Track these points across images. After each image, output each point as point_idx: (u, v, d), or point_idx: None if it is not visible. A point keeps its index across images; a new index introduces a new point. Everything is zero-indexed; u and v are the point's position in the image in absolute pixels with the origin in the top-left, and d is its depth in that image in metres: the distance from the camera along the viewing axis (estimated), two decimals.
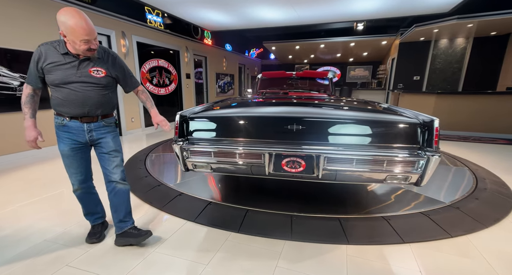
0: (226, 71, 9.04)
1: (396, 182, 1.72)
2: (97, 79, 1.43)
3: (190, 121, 1.95)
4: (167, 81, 6.19)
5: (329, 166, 1.70)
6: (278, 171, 1.77)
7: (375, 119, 1.84)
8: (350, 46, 8.94)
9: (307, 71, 4.06)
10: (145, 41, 5.34)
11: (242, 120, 1.92)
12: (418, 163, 1.63)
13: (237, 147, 1.80)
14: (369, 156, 1.65)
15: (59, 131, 1.47)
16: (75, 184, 1.58)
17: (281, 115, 1.97)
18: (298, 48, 9.65)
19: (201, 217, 1.98)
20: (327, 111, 2.19)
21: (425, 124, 1.66)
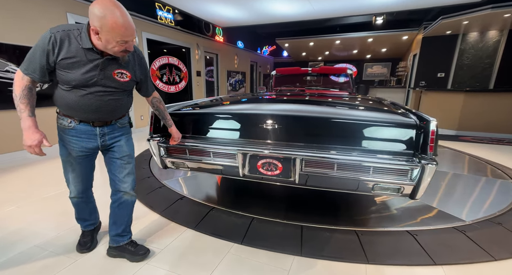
0: (237, 69, 8.88)
1: (387, 193, 1.48)
2: (120, 83, 1.21)
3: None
4: (177, 79, 6.10)
5: (306, 170, 1.52)
6: (254, 173, 1.61)
7: (363, 118, 1.60)
8: (367, 42, 8.51)
9: (324, 67, 3.79)
10: (155, 38, 5.26)
11: (216, 118, 1.81)
12: (411, 171, 1.39)
13: (211, 146, 1.69)
14: (352, 160, 1.43)
15: (65, 135, 1.24)
16: (73, 192, 1.41)
17: (254, 112, 1.78)
18: (312, 45, 9.31)
19: (202, 225, 1.80)
20: (307, 108, 1.99)
21: (421, 126, 1.40)
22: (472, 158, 3.57)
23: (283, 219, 1.87)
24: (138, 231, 1.73)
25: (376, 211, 2.04)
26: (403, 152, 1.44)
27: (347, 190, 1.55)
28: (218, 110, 1.91)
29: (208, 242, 1.64)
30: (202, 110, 1.90)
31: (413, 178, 1.39)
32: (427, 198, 2.22)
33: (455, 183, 2.64)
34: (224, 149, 1.65)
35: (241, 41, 8.92)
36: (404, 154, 1.43)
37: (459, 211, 2.02)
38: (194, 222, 1.83)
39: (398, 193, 1.46)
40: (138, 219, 1.88)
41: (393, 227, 1.80)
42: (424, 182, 1.35)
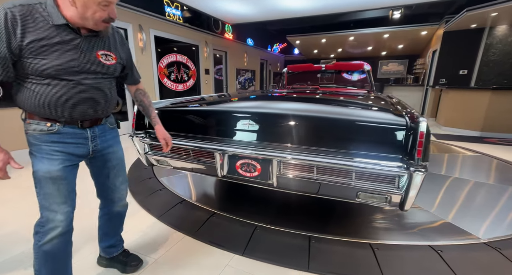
0: (247, 67, 8.73)
1: (373, 201, 1.31)
2: (107, 68, 1.01)
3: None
4: (185, 77, 6.02)
5: (284, 173, 1.41)
6: (232, 173, 1.53)
7: (347, 117, 1.44)
8: (383, 38, 8.13)
9: (339, 63, 3.56)
10: (163, 35, 5.19)
11: (196, 116, 1.72)
12: (398, 179, 1.22)
13: (190, 144, 1.60)
14: (331, 163, 1.28)
15: (43, 145, 0.94)
16: (58, 223, 0.98)
17: (232, 110, 1.68)
18: (325, 42, 9.02)
19: (202, 232, 1.66)
20: (288, 106, 1.86)
21: (411, 127, 1.21)
22: (499, 162, 3.26)
23: (290, 228, 1.70)
24: (133, 237, 1.62)
25: (389, 222, 1.83)
26: (390, 156, 1.25)
27: (330, 196, 1.42)
28: (197, 108, 1.79)
29: (207, 252, 1.50)
30: (182, 108, 1.80)
31: (401, 186, 1.23)
32: (440, 209, 1.99)
33: (477, 193, 2.36)
34: (202, 148, 1.58)
35: (251, 39, 8.76)
36: (391, 159, 1.25)
37: (476, 226, 1.78)
38: (193, 228, 1.70)
39: (385, 203, 1.30)
40: (135, 224, 1.77)
41: (412, 241, 1.59)
42: (412, 191, 1.19)
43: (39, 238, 0.99)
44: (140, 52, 4.66)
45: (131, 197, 2.14)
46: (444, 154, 3.56)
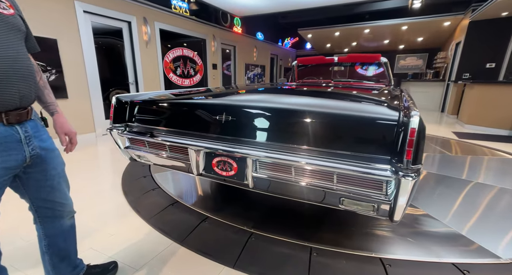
0: (256, 62, 8.50)
1: (359, 209, 1.13)
2: (6, 19, 0.75)
3: (130, 105, 1.64)
4: (192, 72, 5.89)
5: (261, 173, 1.27)
6: (209, 171, 1.41)
7: (330, 111, 1.22)
8: (401, 30, 7.65)
9: (352, 55, 3.30)
10: (169, 28, 5.06)
11: (174, 109, 1.57)
12: (386, 184, 1.02)
13: (166, 140, 1.47)
14: (311, 164, 1.10)
15: None
16: None
17: (208, 103, 1.52)
18: (338, 35, 8.62)
19: (191, 239, 1.51)
20: (268, 97, 1.70)
21: (403, 122, 0.99)
22: None
23: (288, 237, 1.51)
24: (116, 242, 1.49)
25: (398, 232, 1.60)
26: (378, 157, 1.04)
27: (311, 201, 1.24)
28: (174, 100, 1.62)
29: (194, 262, 1.34)
30: (158, 100, 1.63)
31: (389, 194, 1.03)
32: (455, 219, 1.73)
33: (499, 201, 2.05)
34: (177, 143, 1.43)
35: (261, 33, 8.50)
36: (378, 160, 1.04)
37: (495, 242, 1.51)
38: (181, 234, 1.54)
39: (372, 212, 1.11)
40: (121, 227, 1.64)
41: (430, 257, 1.36)
42: (401, 200, 0.98)
43: None
44: (144, 46, 4.56)
45: (123, 197, 2.02)
46: (466, 156, 3.22)
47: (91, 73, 3.75)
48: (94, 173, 2.57)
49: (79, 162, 2.91)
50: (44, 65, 3.21)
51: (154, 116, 1.57)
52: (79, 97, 3.67)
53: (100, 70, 3.89)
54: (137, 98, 1.65)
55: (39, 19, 3.14)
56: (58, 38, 3.33)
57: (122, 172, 2.53)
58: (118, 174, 2.49)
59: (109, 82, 4.19)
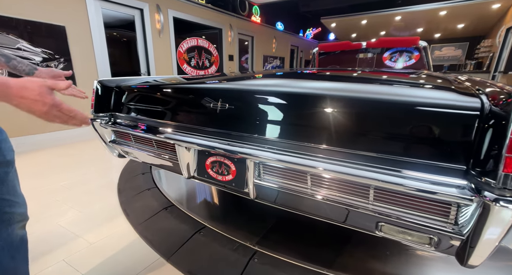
0: (275, 53, 8.09)
1: (407, 240, 0.76)
2: None
3: (116, 92, 1.38)
4: (207, 63, 5.64)
5: (266, 180, 0.96)
6: (202, 174, 1.12)
7: (372, 97, 0.83)
8: (439, 16, 6.82)
9: (384, 39, 2.85)
10: (183, 16, 4.82)
11: (162, 94, 1.26)
12: (456, 209, 0.67)
13: (153, 134, 1.19)
14: (333, 171, 0.76)
15: None
16: (24, 219, 0.77)
17: (201, 88, 1.19)
18: (365, 23, 7.93)
19: (181, 255, 1.23)
20: (281, 82, 1.27)
21: (492, 113, 0.59)
22: None
23: (301, 260, 1.19)
24: (94, 253, 1.25)
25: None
26: (443, 166, 0.67)
27: (334, 221, 0.89)
28: (162, 86, 1.31)
29: None
30: (145, 85, 1.35)
31: (461, 223, 0.66)
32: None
33: None
34: (162, 138, 1.16)
35: (281, 22, 8.06)
36: (445, 171, 0.67)
37: None
38: (171, 248, 1.27)
39: (429, 246, 0.74)
40: (105, 233, 1.41)
41: None
42: (486, 236, 0.60)
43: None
44: (157, 35, 4.36)
45: (116, 197, 1.81)
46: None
47: (101, 62, 3.61)
48: (92, 167, 2.40)
49: (79, 155, 2.77)
50: (51, 53, 3.10)
51: (141, 104, 1.31)
52: (89, 87, 3.55)
53: (110, 60, 3.74)
54: (124, 83, 1.39)
55: (46, 5, 3.02)
56: (67, 25, 3.20)
57: (123, 167, 2.34)
58: (119, 169, 2.29)
59: (120, 72, 4.05)
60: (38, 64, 3.02)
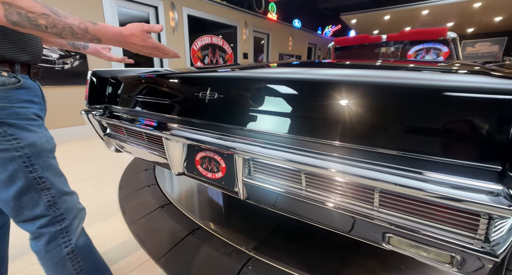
0: (291, 51, 7.91)
1: (421, 256, 0.58)
2: None
3: (111, 83, 1.33)
4: (221, 61, 5.60)
5: (255, 179, 0.84)
6: (191, 171, 1.03)
7: (383, 81, 0.68)
8: (472, 9, 6.29)
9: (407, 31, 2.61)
10: (198, 14, 4.81)
11: (153, 86, 1.19)
12: (486, 221, 0.49)
13: (142, 127, 1.11)
14: (328, 169, 0.63)
15: (11, 107, 0.62)
16: (80, 205, 0.80)
17: (192, 76, 1.08)
18: (389, 19, 7.52)
19: (171, 257, 1.15)
20: (280, 70, 1.10)
21: None
22: None
23: (300, 271, 1.05)
24: None
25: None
26: (473, 165, 0.51)
27: (333, 228, 0.75)
28: (157, 77, 1.21)
29: None
30: (136, 76, 1.29)
31: (494, 240, 0.50)
32: None
33: None
34: (151, 131, 1.07)
35: (298, 20, 7.86)
36: (475, 171, 0.51)
37: None
38: (161, 249, 1.19)
39: (450, 266, 0.58)
40: (100, 229, 1.36)
41: None
42: None
43: (65, 239, 0.70)
44: (171, 32, 4.38)
45: (116, 193, 1.77)
46: None
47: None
48: (99, 163, 2.41)
49: (87, 151, 2.81)
50: (68, 50, 3.19)
51: (134, 96, 1.24)
52: None
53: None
54: (120, 74, 1.34)
55: (63, 3, 3.10)
56: None
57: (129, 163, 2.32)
58: (125, 164, 2.28)
59: None
60: (55, 61, 3.12)
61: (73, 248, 0.72)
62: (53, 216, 0.68)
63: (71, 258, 0.72)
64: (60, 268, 0.71)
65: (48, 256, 0.69)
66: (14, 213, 0.65)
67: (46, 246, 0.68)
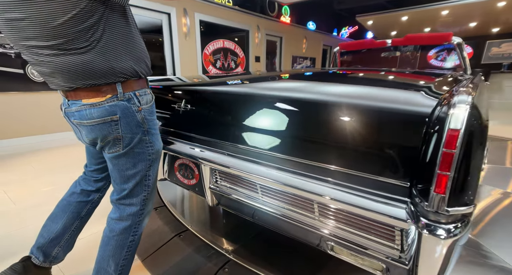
0: (305, 54, 7.87)
1: (358, 263, 0.63)
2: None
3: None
4: (232, 65, 5.72)
5: (220, 185, 0.94)
6: (171, 177, 1.15)
7: (309, 97, 0.75)
8: (497, 8, 5.92)
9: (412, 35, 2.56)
10: (209, 19, 4.96)
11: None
12: (401, 235, 0.55)
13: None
14: (272, 180, 0.72)
15: (152, 119, 0.83)
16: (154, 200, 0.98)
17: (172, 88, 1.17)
18: (406, 20, 7.26)
19: (156, 257, 1.25)
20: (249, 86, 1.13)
21: (438, 119, 0.46)
22: None
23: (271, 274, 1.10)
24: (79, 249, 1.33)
25: None
26: (386, 181, 0.55)
27: (289, 235, 0.82)
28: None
29: None
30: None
31: (406, 249, 0.54)
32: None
33: None
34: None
35: (313, 22, 7.80)
36: (388, 187, 0.55)
37: None
38: (148, 249, 1.30)
39: (381, 273, 0.61)
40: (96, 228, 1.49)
41: None
42: (424, 265, 0.49)
43: (136, 230, 0.88)
44: (183, 38, 4.55)
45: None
46: None
47: None
48: None
49: None
50: None
51: None
52: None
53: None
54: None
55: None
56: None
57: None
58: None
59: None
60: None
61: (135, 239, 0.88)
62: (140, 208, 0.85)
63: (129, 246, 0.87)
64: (117, 249, 0.85)
65: (118, 237, 0.84)
66: (121, 196, 0.83)
67: (122, 229, 0.84)
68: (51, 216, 0.99)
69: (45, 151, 2.97)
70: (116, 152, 0.78)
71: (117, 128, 0.74)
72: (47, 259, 0.95)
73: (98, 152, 0.93)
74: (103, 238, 0.88)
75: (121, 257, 0.87)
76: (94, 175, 1.00)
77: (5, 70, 2.97)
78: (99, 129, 0.73)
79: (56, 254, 0.97)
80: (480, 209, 1.59)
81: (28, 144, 3.21)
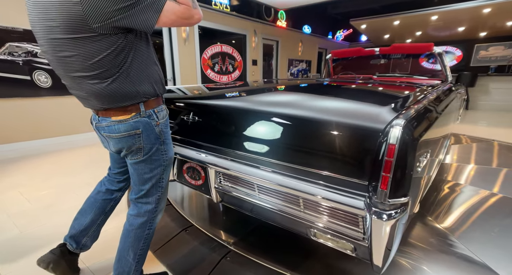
0: (301, 57, 8.07)
1: (336, 245, 0.84)
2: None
3: None
4: (230, 68, 5.89)
5: (224, 185, 1.13)
6: (180, 178, 1.32)
7: (290, 113, 0.95)
8: (483, 14, 6.18)
9: (397, 45, 2.76)
10: (208, 25, 5.12)
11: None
12: (362, 221, 0.76)
13: None
14: (269, 180, 0.92)
15: (167, 131, 1.00)
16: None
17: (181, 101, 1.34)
18: (398, 24, 7.49)
19: (165, 250, 1.42)
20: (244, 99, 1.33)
21: (384, 134, 0.69)
22: None
23: (269, 261, 1.28)
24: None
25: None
26: (352, 181, 0.75)
27: (281, 225, 1.03)
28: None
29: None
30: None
31: (366, 232, 0.75)
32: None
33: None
34: None
35: (308, 26, 8.01)
36: (354, 185, 0.75)
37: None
38: (158, 242, 1.47)
39: (352, 252, 0.82)
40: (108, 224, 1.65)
41: None
42: (376, 244, 0.69)
43: (150, 225, 1.04)
44: (182, 43, 4.71)
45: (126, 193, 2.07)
46: None
47: None
48: None
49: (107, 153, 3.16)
50: None
51: None
52: None
53: None
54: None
55: None
56: None
57: None
58: None
59: None
60: None
61: (150, 232, 1.04)
62: (155, 206, 1.02)
63: (145, 238, 1.04)
64: (136, 242, 1.02)
65: (136, 231, 1.01)
66: (139, 196, 1.00)
67: (140, 224, 1.01)
68: (81, 211, 1.16)
69: (53, 154, 3.11)
70: (137, 159, 0.94)
71: (140, 140, 0.91)
72: (78, 246, 1.13)
73: (120, 158, 1.10)
74: (124, 231, 1.05)
75: (138, 248, 1.03)
76: (117, 177, 1.17)
77: (14, 76, 3.11)
78: (125, 141, 0.90)
79: (85, 242, 1.14)
80: (458, 208, 1.79)
81: (36, 147, 3.35)
